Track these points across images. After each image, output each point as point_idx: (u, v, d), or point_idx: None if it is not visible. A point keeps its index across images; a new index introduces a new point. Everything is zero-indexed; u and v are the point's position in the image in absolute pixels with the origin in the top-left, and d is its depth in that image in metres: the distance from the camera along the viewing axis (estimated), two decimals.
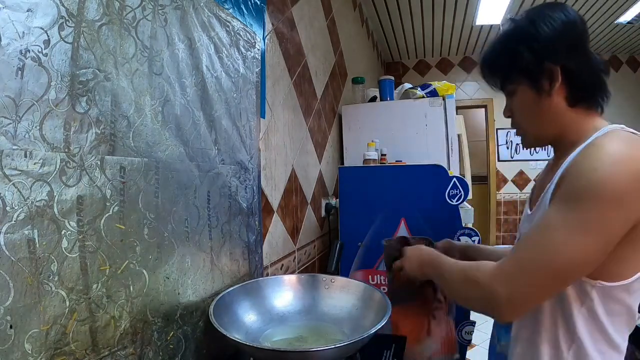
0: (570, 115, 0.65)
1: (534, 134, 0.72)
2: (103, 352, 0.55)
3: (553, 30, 0.62)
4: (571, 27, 0.63)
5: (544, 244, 0.56)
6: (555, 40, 0.62)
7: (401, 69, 4.47)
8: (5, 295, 0.42)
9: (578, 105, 0.65)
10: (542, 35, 0.63)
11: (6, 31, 0.43)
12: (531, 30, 0.64)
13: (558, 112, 0.66)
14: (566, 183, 0.58)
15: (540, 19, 0.64)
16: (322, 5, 1.83)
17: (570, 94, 0.64)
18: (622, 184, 0.52)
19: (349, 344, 0.63)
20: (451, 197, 1.44)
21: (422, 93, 1.93)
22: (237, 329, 0.76)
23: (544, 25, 0.63)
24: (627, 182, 0.52)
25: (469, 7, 3.03)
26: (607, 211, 0.53)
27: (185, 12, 0.75)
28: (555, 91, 0.64)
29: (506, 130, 4.22)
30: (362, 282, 0.91)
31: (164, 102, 0.69)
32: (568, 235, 0.54)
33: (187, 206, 0.74)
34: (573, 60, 0.63)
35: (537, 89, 0.66)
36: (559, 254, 0.54)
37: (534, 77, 0.65)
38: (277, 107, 1.26)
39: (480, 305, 0.64)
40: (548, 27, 0.63)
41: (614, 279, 0.58)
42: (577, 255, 0.54)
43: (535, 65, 0.64)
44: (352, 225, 1.53)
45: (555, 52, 0.63)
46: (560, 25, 0.62)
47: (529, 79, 0.66)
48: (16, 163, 0.44)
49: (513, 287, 0.57)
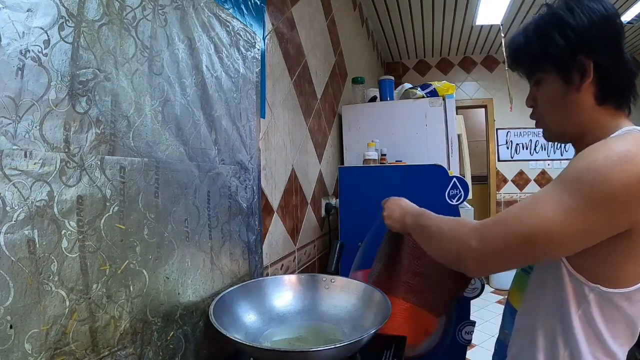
0: (597, 114, 0.62)
1: (555, 129, 0.69)
2: (103, 352, 0.55)
3: (591, 22, 0.59)
4: (609, 22, 0.60)
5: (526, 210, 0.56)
6: (592, 33, 0.59)
7: (401, 69, 4.47)
8: (5, 295, 0.42)
9: (606, 105, 0.62)
10: (580, 26, 0.60)
11: (6, 31, 0.43)
12: (568, 18, 0.60)
13: (584, 109, 0.63)
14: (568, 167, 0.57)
15: (579, 8, 0.60)
16: (322, 5, 1.83)
17: (599, 92, 0.61)
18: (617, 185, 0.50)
19: (349, 344, 0.63)
20: (451, 197, 1.44)
21: (422, 93, 1.93)
22: (237, 329, 0.76)
23: (582, 15, 0.59)
24: (623, 185, 0.50)
25: (469, 7, 3.03)
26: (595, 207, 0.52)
27: (185, 12, 0.75)
28: (585, 87, 0.61)
29: (506, 130, 4.22)
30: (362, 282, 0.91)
31: (164, 102, 0.69)
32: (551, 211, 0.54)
33: (187, 206, 0.74)
34: (607, 57, 0.60)
35: (566, 82, 0.63)
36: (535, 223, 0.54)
37: (564, 69, 0.62)
38: (277, 107, 1.26)
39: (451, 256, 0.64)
40: (586, 18, 0.59)
41: (614, 285, 0.57)
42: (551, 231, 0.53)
43: (568, 55, 0.61)
44: (352, 225, 1.53)
45: (590, 46, 0.60)
46: (599, 18, 0.59)
47: (560, 69, 0.63)
48: (16, 163, 0.44)
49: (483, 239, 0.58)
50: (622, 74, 0.61)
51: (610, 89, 0.61)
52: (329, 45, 1.95)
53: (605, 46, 0.60)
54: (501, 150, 4.27)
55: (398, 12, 3.13)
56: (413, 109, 1.92)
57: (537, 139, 4.19)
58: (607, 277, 0.57)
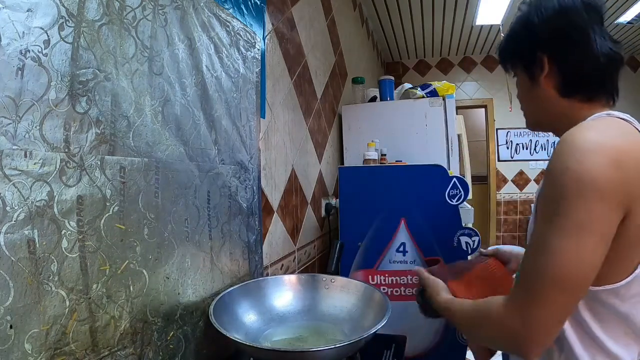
0: (564, 105, 0.63)
1: (531, 119, 0.72)
2: (103, 352, 0.55)
3: (545, 18, 0.62)
4: (562, 15, 0.60)
5: (542, 259, 0.53)
6: (545, 28, 0.61)
7: (401, 69, 4.47)
8: (5, 295, 0.42)
9: (573, 96, 0.62)
10: (536, 22, 0.62)
11: (6, 31, 0.43)
12: (530, 16, 0.64)
13: (549, 101, 0.64)
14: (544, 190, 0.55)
15: (538, 5, 0.63)
16: (322, 5, 1.83)
17: (560, 84, 0.63)
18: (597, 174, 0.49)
19: (349, 344, 0.63)
20: (451, 197, 1.44)
21: (422, 93, 1.93)
22: (237, 329, 0.76)
23: (540, 12, 0.62)
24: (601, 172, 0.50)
25: (469, 7, 3.03)
26: (591, 205, 0.50)
27: (185, 12, 0.75)
28: (544, 80, 0.63)
29: (506, 130, 4.22)
30: (362, 282, 0.91)
31: (164, 102, 0.69)
32: (561, 241, 0.51)
33: (187, 206, 0.74)
34: (563, 50, 0.61)
35: (529, 76, 0.66)
36: (558, 264, 0.51)
37: (527, 64, 0.66)
38: (277, 107, 1.26)
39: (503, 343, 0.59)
40: (538, 15, 0.62)
41: (599, 282, 0.54)
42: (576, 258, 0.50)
43: (528, 51, 0.64)
44: (352, 225, 1.53)
45: (544, 41, 0.62)
46: (551, 13, 0.61)
47: (523, 65, 0.67)
48: (16, 163, 0.44)
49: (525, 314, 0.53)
50: (583, 65, 0.60)
51: (570, 81, 0.62)
52: (329, 45, 1.95)
53: (561, 40, 0.61)
54: (501, 150, 4.27)
55: (398, 12, 3.13)
56: (413, 109, 1.92)
57: (537, 139, 4.19)
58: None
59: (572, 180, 0.50)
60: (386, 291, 1.45)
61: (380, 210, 1.50)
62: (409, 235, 1.48)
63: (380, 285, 1.47)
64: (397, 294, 1.46)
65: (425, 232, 1.46)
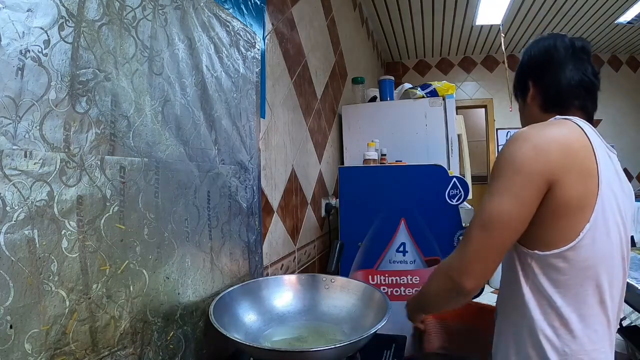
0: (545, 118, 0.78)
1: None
2: (103, 352, 0.55)
3: (534, 54, 0.81)
4: (549, 52, 0.78)
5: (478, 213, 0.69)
6: (533, 61, 0.81)
7: (401, 69, 4.46)
8: (5, 295, 0.42)
9: (550, 111, 0.78)
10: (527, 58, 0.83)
11: (6, 31, 0.43)
12: (526, 54, 0.83)
13: (535, 116, 0.80)
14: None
15: (533, 45, 0.82)
16: (322, 5, 1.83)
17: (541, 102, 0.80)
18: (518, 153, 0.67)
19: (349, 344, 0.63)
20: (451, 197, 1.45)
21: (422, 93, 1.93)
22: (237, 329, 0.76)
23: (531, 50, 0.82)
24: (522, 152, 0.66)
25: (469, 7, 3.03)
26: (512, 176, 0.66)
27: (185, 12, 0.75)
28: (530, 99, 0.82)
29: (506, 130, 4.22)
30: (362, 282, 0.91)
31: (164, 102, 0.69)
32: (489, 198, 0.68)
33: (187, 206, 0.74)
34: (543, 77, 0.79)
35: (522, 98, 0.85)
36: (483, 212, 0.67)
37: (521, 89, 0.85)
38: (277, 107, 1.26)
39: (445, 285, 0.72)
40: (531, 52, 0.82)
41: (548, 247, 0.66)
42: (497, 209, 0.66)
43: (522, 81, 0.84)
44: (352, 225, 1.53)
45: (529, 70, 0.82)
46: (541, 50, 0.80)
47: (519, 90, 0.86)
48: (16, 163, 0.44)
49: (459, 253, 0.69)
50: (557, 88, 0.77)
51: (547, 100, 0.79)
52: (329, 45, 1.95)
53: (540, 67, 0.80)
54: None
55: (398, 12, 3.13)
56: (413, 109, 1.92)
57: None
58: (543, 240, 0.67)
59: (503, 159, 0.69)
60: (386, 291, 1.45)
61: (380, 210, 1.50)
62: (409, 235, 1.48)
63: (380, 285, 1.47)
64: (397, 294, 1.46)
65: (425, 232, 1.46)
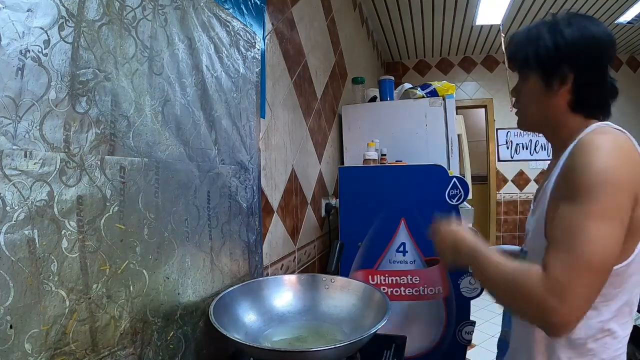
0: (568, 117, 0.69)
1: (529, 120, 0.76)
2: (103, 352, 0.55)
3: (581, 39, 0.65)
4: (597, 43, 0.65)
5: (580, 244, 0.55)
6: (580, 49, 0.65)
7: (401, 69, 4.46)
8: (5, 295, 0.42)
9: (578, 112, 0.68)
10: (571, 39, 0.66)
11: (6, 31, 0.43)
12: (565, 29, 0.67)
13: (557, 111, 0.70)
14: (569, 181, 0.59)
15: (577, 24, 0.67)
16: (322, 5, 1.82)
17: (573, 101, 0.68)
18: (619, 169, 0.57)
19: (349, 344, 0.63)
20: (451, 197, 1.44)
21: (422, 93, 1.93)
22: (237, 329, 0.76)
23: (576, 31, 0.66)
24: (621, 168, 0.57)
25: (469, 7, 3.03)
26: (618, 196, 0.56)
27: (185, 12, 0.75)
28: (562, 93, 0.68)
29: (506, 130, 4.22)
30: (362, 282, 0.91)
31: (164, 102, 0.69)
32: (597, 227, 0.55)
33: (187, 206, 0.74)
34: (588, 74, 0.66)
35: (546, 84, 0.69)
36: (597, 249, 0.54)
37: (548, 72, 0.68)
38: (277, 107, 1.26)
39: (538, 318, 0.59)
40: (578, 34, 0.66)
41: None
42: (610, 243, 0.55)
43: (554, 62, 0.67)
44: (352, 225, 1.53)
45: (574, 59, 0.66)
46: (589, 37, 0.65)
47: (544, 72, 0.69)
48: (16, 163, 0.44)
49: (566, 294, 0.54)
50: (598, 93, 0.68)
51: (584, 102, 0.68)
52: (329, 45, 1.95)
53: (589, 64, 0.66)
54: (501, 150, 4.26)
55: (398, 12, 3.12)
56: (413, 109, 1.92)
57: (537, 139, 4.18)
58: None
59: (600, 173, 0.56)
60: (386, 291, 1.45)
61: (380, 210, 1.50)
62: (409, 235, 1.48)
63: (380, 285, 1.47)
64: (397, 294, 1.46)
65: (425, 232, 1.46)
